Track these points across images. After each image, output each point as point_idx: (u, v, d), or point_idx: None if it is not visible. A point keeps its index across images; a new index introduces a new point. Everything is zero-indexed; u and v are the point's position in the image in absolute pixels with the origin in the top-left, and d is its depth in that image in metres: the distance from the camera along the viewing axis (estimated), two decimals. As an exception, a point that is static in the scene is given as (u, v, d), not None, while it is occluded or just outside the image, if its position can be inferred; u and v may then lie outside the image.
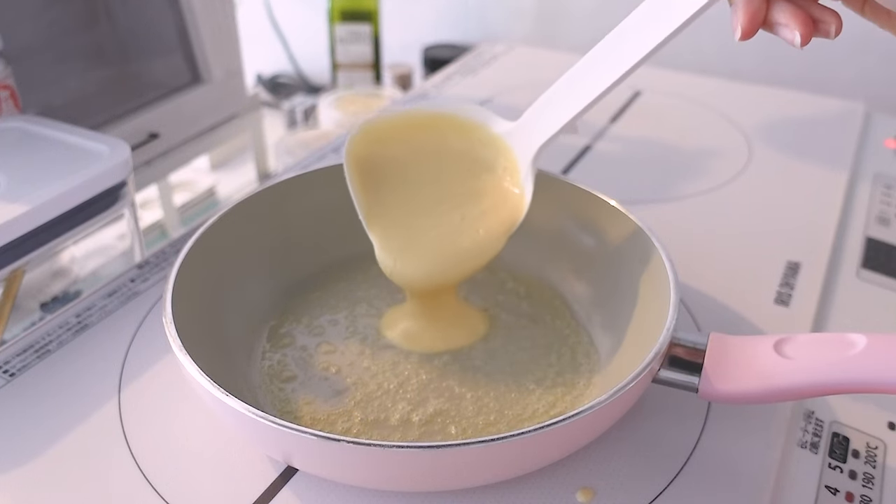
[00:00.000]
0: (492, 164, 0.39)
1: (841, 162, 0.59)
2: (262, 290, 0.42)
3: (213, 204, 0.69)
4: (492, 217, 0.38)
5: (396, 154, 0.39)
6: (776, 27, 0.29)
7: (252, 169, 0.75)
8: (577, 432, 0.30)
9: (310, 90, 0.92)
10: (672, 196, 0.55)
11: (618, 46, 0.33)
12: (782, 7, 0.29)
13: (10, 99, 0.50)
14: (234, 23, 0.72)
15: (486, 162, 0.39)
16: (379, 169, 0.39)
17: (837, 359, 0.30)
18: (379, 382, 0.37)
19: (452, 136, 0.40)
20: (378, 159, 0.39)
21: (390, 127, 0.40)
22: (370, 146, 0.39)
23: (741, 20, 0.29)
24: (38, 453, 0.34)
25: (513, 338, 0.40)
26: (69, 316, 0.41)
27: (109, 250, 0.54)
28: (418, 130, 0.40)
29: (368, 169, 0.39)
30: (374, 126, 0.39)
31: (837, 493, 0.33)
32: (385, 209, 0.38)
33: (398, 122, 0.40)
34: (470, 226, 0.38)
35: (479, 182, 0.39)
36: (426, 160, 0.39)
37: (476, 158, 0.39)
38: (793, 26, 0.28)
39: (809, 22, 0.28)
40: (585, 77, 0.35)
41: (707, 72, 0.77)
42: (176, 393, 0.37)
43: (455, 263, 0.38)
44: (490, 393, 0.36)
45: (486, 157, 0.39)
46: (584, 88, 0.35)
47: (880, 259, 0.48)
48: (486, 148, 0.39)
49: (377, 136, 0.39)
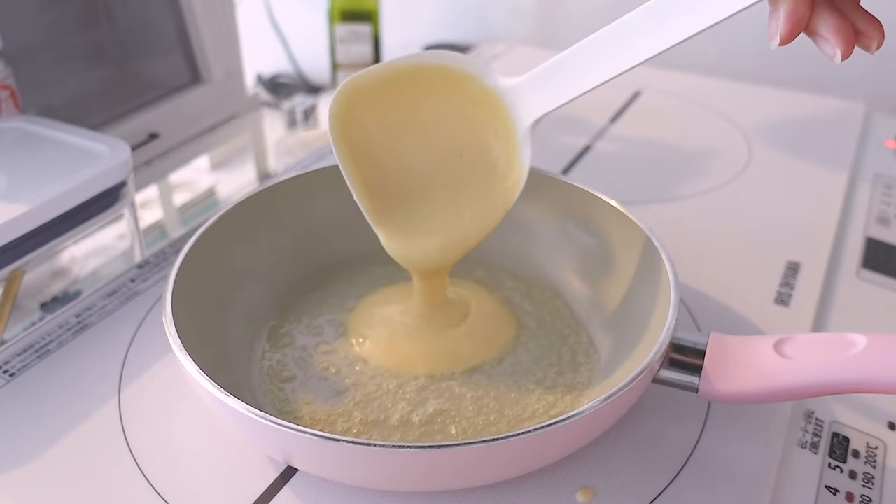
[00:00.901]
0: (485, 127, 0.36)
1: (841, 162, 0.59)
2: (262, 290, 0.42)
3: (213, 204, 0.69)
4: (488, 188, 0.36)
5: (385, 119, 0.36)
6: (817, 39, 0.28)
7: (252, 169, 0.75)
8: (577, 432, 0.30)
9: (310, 90, 0.92)
10: (672, 196, 0.55)
11: (654, 21, 0.30)
12: (826, 19, 0.27)
13: (10, 99, 0.50)
14: (234, 23, 0.71)
15: (479, 124, 0.36)
16: (367, 137, 0.36)
17: (837, 359, 0.30)
18: (378, 383, 0.37)
19: (444, 92, 0.36)
20: (365, 125, 0.35)
21: (376, 86, 0.35)
22: (356, 109, 0.35)
23: (783, 28, 0.27)
24: (38, 453, 0.34)
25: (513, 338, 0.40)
26: (69, 316, 0.41)
27: (109, 250, 0.54)
28: (407, 88, 0.36)
29: (356, 139, 0.35)
30: (358, 86, 0.35)
31: (837, 493, 0.33)
32: (378, 187, 0.36)
33: (384, 78, 0.35)
34: (466, 200, 0.36)
35: (474, 147, 0.36)
36: (417, 125, 0.36)
37: (470, 120, 0.36)
38: (834, 43, 0.27)
39: (852, 37, 0.27)
40: (613, 47, 0.31)
41: (707, 72, 0.77)
42: (176, 393, 0.37)
43: (454, 243, 0.37)
44: (490, 393, 0.36)
45: (480, 119, 0.36)
46: (609, 60, 0.31)
47: (880, 259, 0.48)
48: (479, 107, 0.36)
49: (363, 99, 0.35)
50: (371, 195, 0.36)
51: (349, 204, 0.38)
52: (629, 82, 0.73)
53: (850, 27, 0.27)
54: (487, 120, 0.36)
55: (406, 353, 0.38)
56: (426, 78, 0.36)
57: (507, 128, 0.35)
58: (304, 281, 0.44)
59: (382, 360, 0.38)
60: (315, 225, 0.44)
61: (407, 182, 0.36)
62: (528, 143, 0.35)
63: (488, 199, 0.36)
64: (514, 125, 0.35)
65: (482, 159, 0.36)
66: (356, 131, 0.35)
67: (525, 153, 0.35)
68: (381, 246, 0.45)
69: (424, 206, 0.37)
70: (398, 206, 0.36)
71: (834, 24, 0.27)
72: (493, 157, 0.36)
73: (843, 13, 0.27)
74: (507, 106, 0.35)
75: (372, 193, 0.36)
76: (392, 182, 0.36)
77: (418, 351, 0.38)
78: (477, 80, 0.35)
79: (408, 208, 0.36)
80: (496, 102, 0.35)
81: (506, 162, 0.36)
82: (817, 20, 0.27)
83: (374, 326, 0.40)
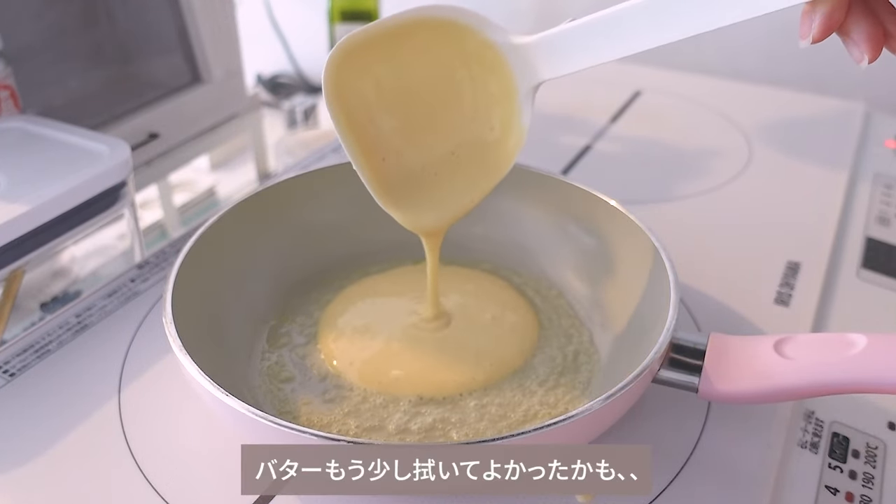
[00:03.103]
0: (484, 84, 0.34)
1: (841, 162, 0.59)
2: (262, 290, 0.42)
3: (213, 204, 0.69)
4: (485, 149, 0.35)
5: (380, 76, 0.34)
6: (846, 40, 0.27)
7: (252, 169, 0.75)
8: (577, 432, 0.30)
9: (310, 90, 0.92)
10: (672, 196, 0.55)
11: (692, 3, 0.28)
12: (859, 23, 0.27)
13: (10, 99, 0.50)
14: (234, 23, 0.71)
15: (478, 81, 0.34)
16: (362, 96, 0.34)
17: (837, 359, 0.30)
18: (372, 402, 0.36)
19: (442, 47, 0.34)
20: (360, 83, 0.34)
21: (372, 42, 0.33)
22: (351, 67, 0.33)
23: (817, 30, 0.27)
24: (38, 453, 0.33)
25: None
26: (69, 316, 0.41)
27: (109, 250, 0.54)
28: (404, 43, 0.34)
29: (351, 98, 0.34)
30: (353, 43, 0.33)
31: (837, 493, 0.33)
32: (375, 148, 0.35)
33: (381, 34, 0.34)
34: (464, 161, 0.35)
35: (473, 106, 0.35)
36: (414, 82, 0.35)
37: (469, 77, 0.34)
38: (863, 48, 0.27)
39: (881, 42, 0.27)
40: (641, 23, 0.29)
41: (707, 72, 0.77)
42: (176, 393, 0.37)
43: (450, 208, 0.36)
44: (495, 401, 0.36)
45: (479, 75, 0.34)
46: (636, 33, 0.29)
47: (880, 259, 0.48)
48: (478, 63, 0.34)
49: (359, 56, 0.33)
50: (368, 158, 0.34)
51: (349, 204, 0.38)
52: (629, 82, 0.73)
53: (881, 32, 0.27)
54: (487, 77, 0.34)
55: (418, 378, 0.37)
56: (424, 32, 0.34)
57: (507, 87, 0.34)
58: (304, 281, 0.44)
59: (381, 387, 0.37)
60: (315, 225, 0.44)
61: (403, 143, 0.35)
62: (530, 104, 0.34)
63: (486, 160, 0.35)
64: (514, 84, 0.34)
65: (481, 118, 0.35)
66: (351, 90, 0.34)
67: (525, 114, 0.34)
68: (380, 246, 0.45)
69: (421, 167, 0.35)
70: (395, 168, 0.35)
71: (866, 29, 0.27)
72: (493, 117, 0.35)
73: (875, 15, 0.27)
74: (509, 63, 0.33)
75: (368, 156, 0.34)
76: (388, 143, 0.35)
77: (438, 376, 0.37)
78: (478, 34, 0.34)
79: (404, 169, 0.35)
80: (497, 59, 0.34)
81: (505, 122, 0.35)
82: (851, 23, 0.27)
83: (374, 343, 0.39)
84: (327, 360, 0.38)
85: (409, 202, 0.36)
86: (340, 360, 0.38)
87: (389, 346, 0.39)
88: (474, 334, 0.39)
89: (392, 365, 0.37)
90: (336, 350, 0.38)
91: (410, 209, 0.36)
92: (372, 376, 0.37)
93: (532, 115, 0.34)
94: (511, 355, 0.38)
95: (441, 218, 0.36)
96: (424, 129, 0.35)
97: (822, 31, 0.27)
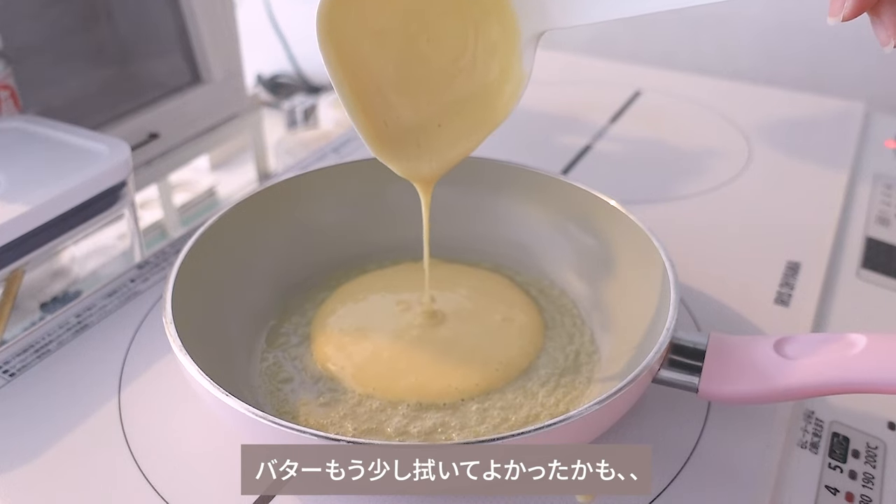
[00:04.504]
0: (486, 26, 0.33)
1: (841, 162, 0.59)
2: (262, 290, 0.42)
3: (213, 204, 0.69)
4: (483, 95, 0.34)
5: (375, 17, 0.33)
6: (876, 21, 0.27)
7: (252, 169, 0.75)
8: (577, 432, 0.30)
9: (310, 90, 0.92)
10: (672, 196, 0.55)
11: None
12: (892, 5, 0.26)
13: (10, 99, 0.51)
14: (234, 23, 0.71)
15: (479, 21, 0.33)
16: (356, 39, 0.33)
17: (837, 359, 0.30)
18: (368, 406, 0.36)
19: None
20: (354, 25, 0.33)
21: None
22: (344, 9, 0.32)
23: (849, 9, 0.26)
24: (38, 453, 0.33)
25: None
26: (69, 316, 0.41)
27: (109, 250, 0.54)
28: None
29: (344, 42, 0.32)
30: None
31: (837, 493, 0.33)
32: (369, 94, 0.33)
33: None
34: (461, 106, 0.34)
35: (471, 48, 0.34)
36: (410, 22, 0.33)
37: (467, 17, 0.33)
38: (891, 32, 0.26)
39: None
40: None
41: (707, 72, 0.77)
42: (176, 393, 0.37)
43: (444, 157, 0.35)
44: (497, 404, 0.36)
45: (478, 15, 0.33)
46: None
47: (880, 259, 0.48)
48: (476, 6, 0.33)
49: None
50: (361, 103, 0.33)
51: (349, 204, 0.38)
52: (629, 82, 0.73)
53: None
54: (489, 17, 0.33)
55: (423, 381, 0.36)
56: None
57: (508, 31, 0.33)
58: (304, 281, 0.44)
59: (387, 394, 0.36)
60: (315, 225, 0.44)
61: (400, 94, 0.34)
62: (533, 51, 0.33)
63: (486, 105, 0.34)
64: (516, 28, 0.33)
65: (480, 61, 0.34)
66: (344, 33, 0.32)
67: (526, 61, 0.33)
68: (380, 246, 0.45)
69: (420, 118, 0.34)
70: (389, 114, 0.34)
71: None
72: (491, 61, 0.34)
73: None
74: (511, 5, 0.32)
75: (362, 102, 0.33)
76: (383, 88, 0.34)
77: (442, 381, 0.36)
78: None
79: (403, 123, 0.34)
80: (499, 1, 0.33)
81: (504, 67, 0.34)
82: (884, 5, 0.27)
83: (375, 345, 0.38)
84: (319, 362, 0.38)
85: (407, 153, 0.35)
86: (333, 363, 0.37)
87: (386, 349, 0.38)
88: (481, 337, 0.39)
89: (391, 370, 0.37)
90: (328, 352, 0.38)
91: (408, 160, 0.35)
92: (369, 381, 0.36)
93: (534, 63, 0.32)
94: (519, 359, 0.38)
95: (439, 167, 0.35)
96: (422, 78, 0.34)
97: (855, 10, 0.26)
